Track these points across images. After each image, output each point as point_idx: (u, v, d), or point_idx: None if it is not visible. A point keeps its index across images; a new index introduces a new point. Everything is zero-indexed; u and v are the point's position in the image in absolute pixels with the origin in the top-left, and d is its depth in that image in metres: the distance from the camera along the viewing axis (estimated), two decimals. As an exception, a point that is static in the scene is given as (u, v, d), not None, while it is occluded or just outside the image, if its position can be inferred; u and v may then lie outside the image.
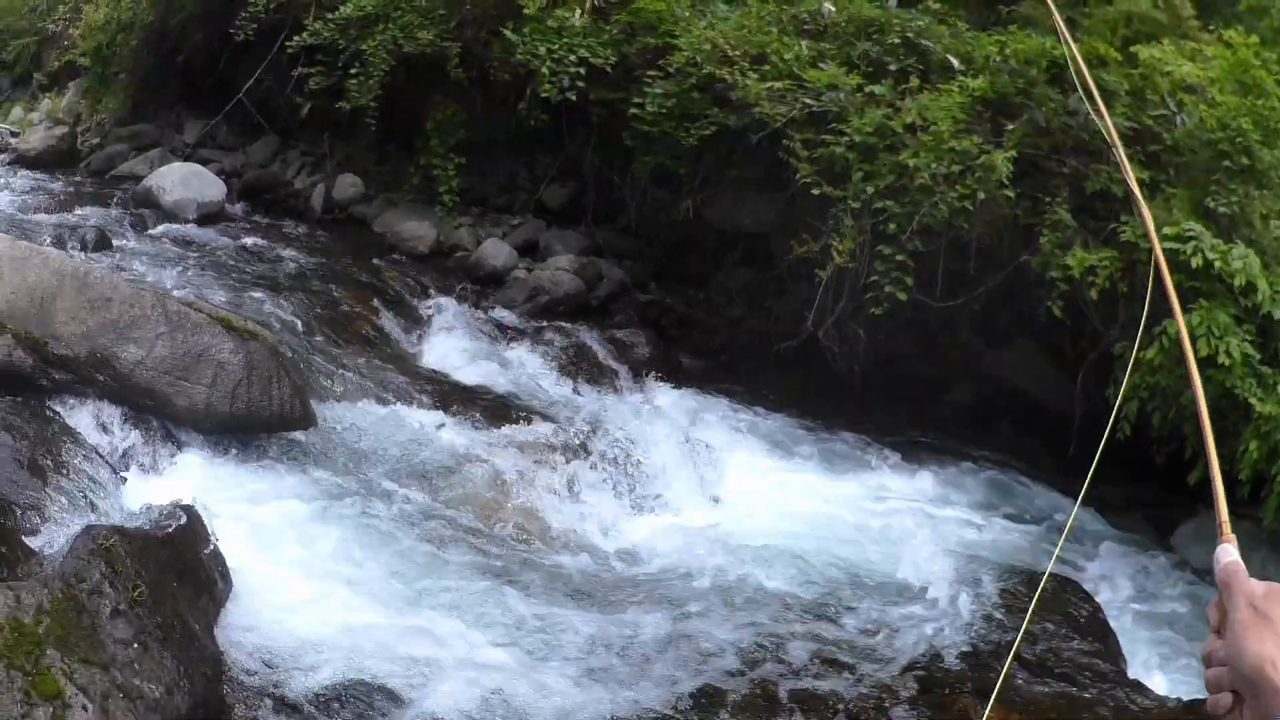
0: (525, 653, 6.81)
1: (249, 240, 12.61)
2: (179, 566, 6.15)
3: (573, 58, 11.97)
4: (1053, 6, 6.77)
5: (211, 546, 6.52)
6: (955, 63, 11.01)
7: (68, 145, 16.76)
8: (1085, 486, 4.04)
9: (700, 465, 9.64)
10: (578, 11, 12.37)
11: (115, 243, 11.71)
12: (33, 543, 6.00)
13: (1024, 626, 7.32)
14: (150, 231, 12.59)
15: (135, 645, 5.53)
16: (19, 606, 5.27)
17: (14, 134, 17.77)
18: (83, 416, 7.52)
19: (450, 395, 9.76)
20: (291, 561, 7.04)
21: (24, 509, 6.29)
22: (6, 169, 15.96)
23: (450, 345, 10.95)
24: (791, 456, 10.21)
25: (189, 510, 6.52)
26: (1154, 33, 10.77)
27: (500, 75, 12.47)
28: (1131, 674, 7.56)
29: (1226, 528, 2.24)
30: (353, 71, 12.93)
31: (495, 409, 9.69)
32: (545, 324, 11.66)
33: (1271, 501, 8.60)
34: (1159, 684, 7.63)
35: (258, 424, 8.04)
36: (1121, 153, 6.43)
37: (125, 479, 7.31)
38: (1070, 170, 10.34)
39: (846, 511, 9.45)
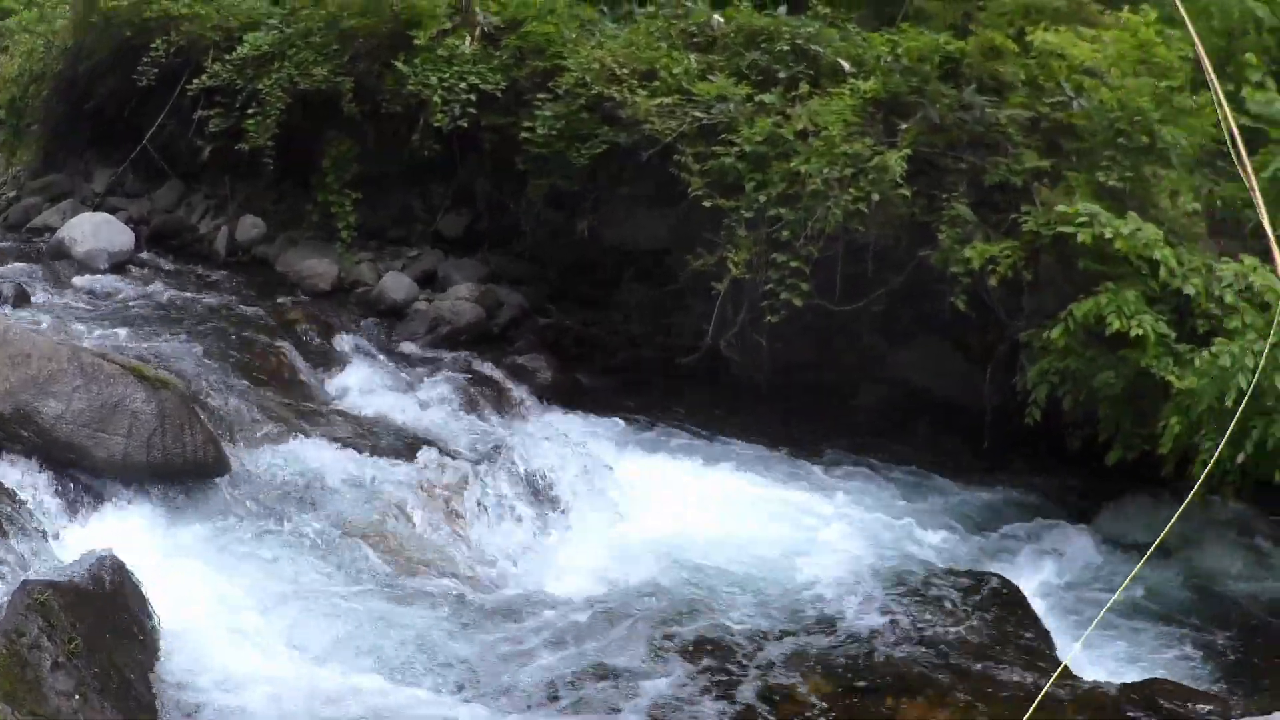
0: (441, 683, 6.69)
1: (158, 287, 12.30)
2: (110, 617, 6.18)
3: (463, 85, 11.72)
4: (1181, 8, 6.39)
5: (139, 596, 6.47)
6: (846, 66, 10.75)
7: (-13, 202, 16.35)
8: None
9: (603, 485, 9.40)
10: (467, 39, 12.10)
11: (34, 298, 11.44)
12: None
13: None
14: (65, 284, 12.25)
15: (76, 696, 5.61)
16: (-37, 663, 5.21)
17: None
18: (10, 473, 7.40)
19: (358, 430, 9.50)
20: (214, 606, 6.90)
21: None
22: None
23: (356, 381, 10.72)
24: (696, 470, 9.93)
25: (115, 561, 6.47)
26: (1053, 21, 10.57)
27: (393, 107, 12.20)
28: (1061, 659, 7.27)
29: None
30: (250, 111, 12.69)
31: (402, 441, 9.45)
32: (448, 354, 11.47)
33: (1196, 470, 8.28)
34: (1089, 668, 7.42)
35: (174, 472, 7.91)
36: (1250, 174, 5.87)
37: (54, 533, 7.18)
38: (968, 165, 10.10)
39: (753, 521, 9.22)
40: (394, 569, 7.90)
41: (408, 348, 11.65)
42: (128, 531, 7.42)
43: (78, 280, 12.40)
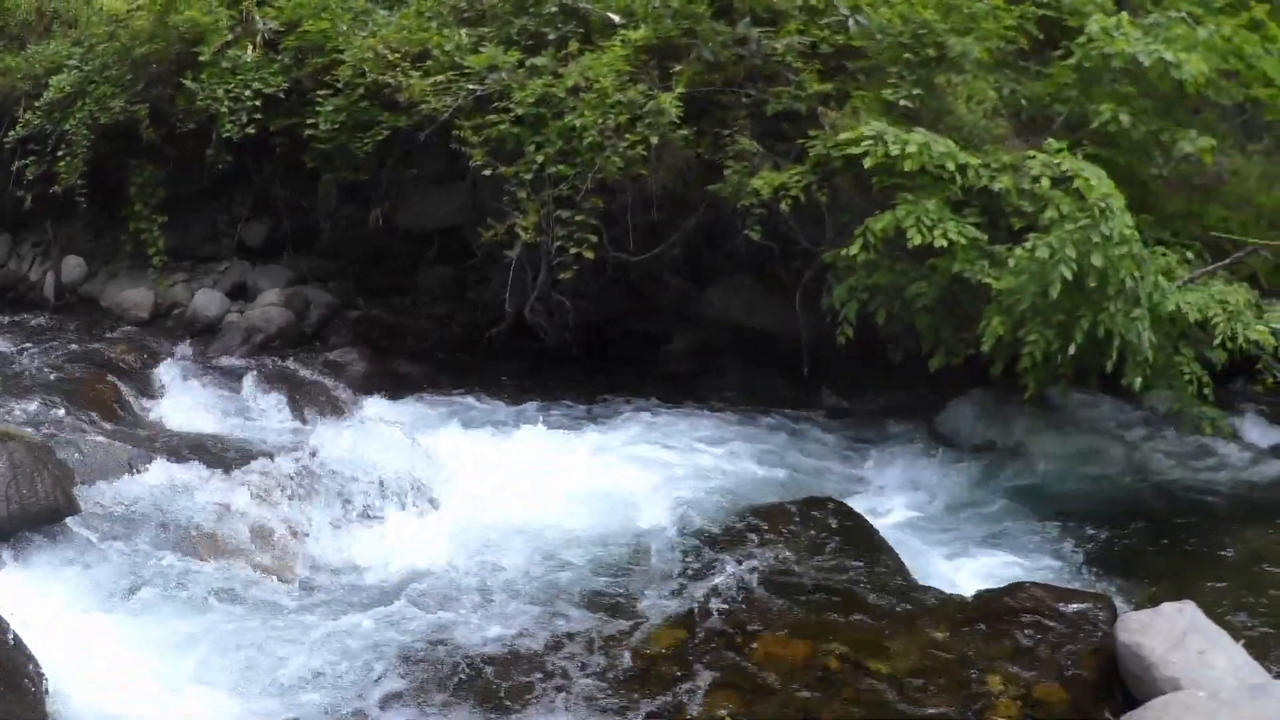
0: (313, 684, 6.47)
1: (-2, 343, 12.14)
2: None
3: (248, 93, 11.51)
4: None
5: (20, 646, 6.23)
6: (615, 18, 10.45)
7: None
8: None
9: (424, 468, 9.20)
10: (249, 48, 11.85)
11: (-120, 371, 11.09)
12: None
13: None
14: (-89, 355, 12.11)
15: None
16: None
17: None
18: None
19: (190, 450, 9.21)
20: (92, 646, 6.68)
21: None
22: None
23: (182, 403, 10.49)
24: (518, 439, 9.64)
25: None
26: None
27: (186, 125, 11.99)
28: (919, 576, 7.19)
29: None
30: (60, 153, 12.53)
31: (232, 455, 9.24)
32: (264, 362, 11.29)
33: (1024, 363, 8.23)
34: (952, 581, 7.29)
35: (30, 520, 7.69)
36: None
37: None
38: (750, 99, 9.91)
39: (580, 480, 8.94)
40: (247, 578, 7.70)
41: (225, 361, 11.45)
42: None
43: (-79, 350, 12.16)
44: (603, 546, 8.01)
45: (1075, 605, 6.56)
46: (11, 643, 6.19)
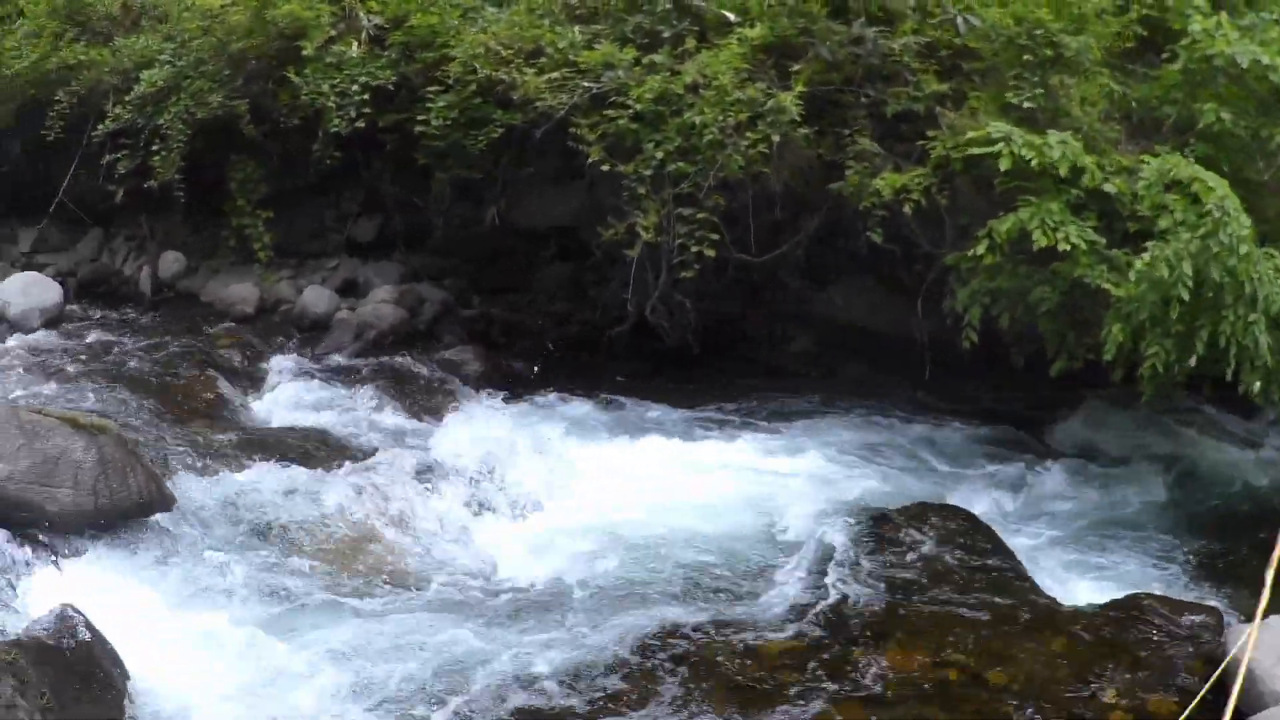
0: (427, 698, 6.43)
1: (91, 336, 12.18)
2: (78, 669, 6.07)
3: (355, 87, 11.53)
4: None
5: (102, 642, 6.32)
6: (731, 16, 10.49)
7: (-81, 274, 16.08)
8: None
9: (549, 467, 9.24)
10: (354, 44, 11.89)
11: (-32, 363, 11.21)
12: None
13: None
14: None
15: (52, 753, 5.53)
16: (-59, 730, 5.13)
17: None
18: None
19: (297, 448, 9.34)
20: (179, 643, 6.70)
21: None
22: None
23: (289, 399, 10.56)
24: (636, 442, 9.73)
25: (75, 613, 6.33)
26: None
27: (290, 120, 12.03)
28: (1035, 583, 7.24)
29: None
30: (154, 148, 12.54)
31: (341, 453, 9.30)
32: (376, 359, 11.34)
33: (1145, 371, 8.24)
34: (1067, 589, 7.33)
35: (121, 514, 7.76)
36: None
37: (12, 592, 6.98)
38: (868, 99, 9.94)
39: (700, 485, 9.01)
40: (346, 580, 7.73)
41: (335, 359, 11.48)
42: (85, 580, 7.23)
43: (11, 342, 12.15)
44: (721, 553, 8.05)
45: (1187, 617, 6.71)
46: (92, 640, 6.28)
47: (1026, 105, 9.27)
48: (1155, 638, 6.50)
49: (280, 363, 11.28)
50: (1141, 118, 9.74)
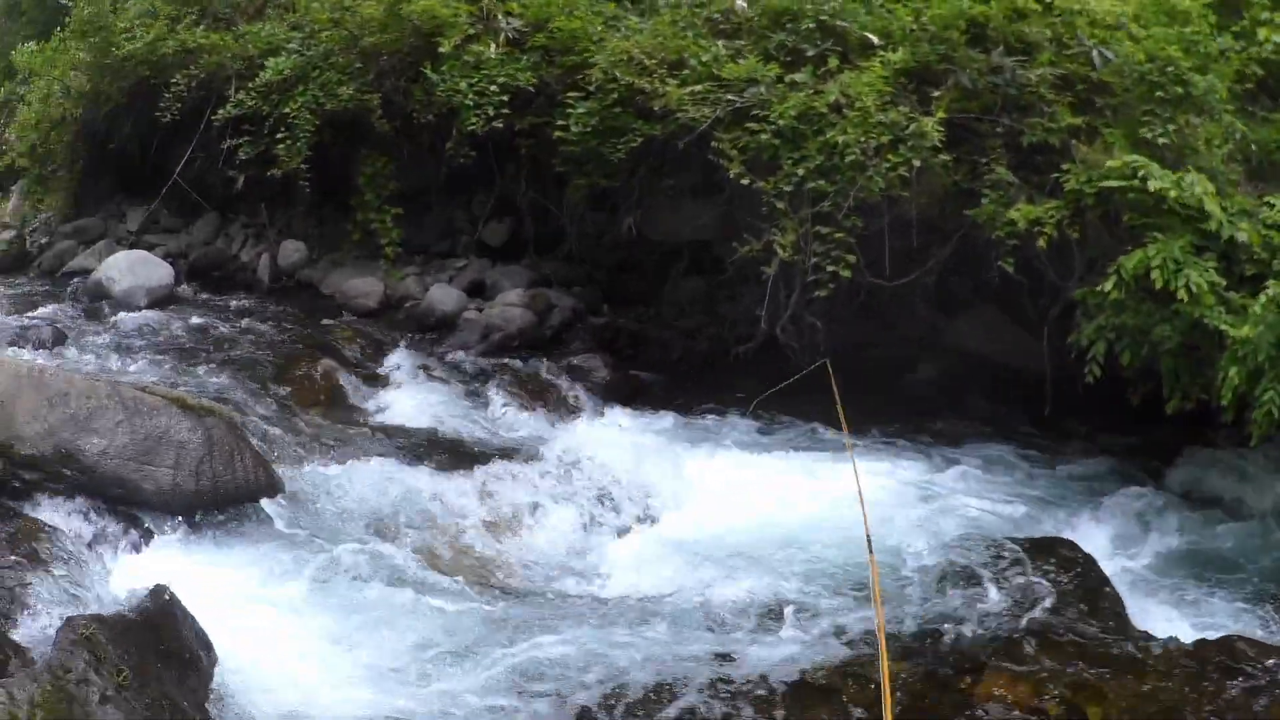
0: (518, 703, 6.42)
1: (200, 319, 12.27)
2: (161, 647, 6.05)
3: (494, 87, 11.65)
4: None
5: (191, 624, 6.31)
6: (874, 39, 10.65)
7: (18, 248, 16.25)
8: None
9: (670, 480, 9.31)
10: (492, 45, 12.03)
11: (71, 338, 11.38)
12: (19, 639, 5.90)
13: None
14: (104, 323, 12.18)
15: (126, 728, 5.63)
16: (13, 702, 5.22)
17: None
18: (55, 512, 7.30)
19: (412, 445, 9.50)
20: (272, 630, 6.74)
21: (7, 608, 6.18)
22: (-39, 280, 15.53)
23: (409, 395, 10.64)
24: (765, 459, 9.79)
25: (165, 590, 6.33)
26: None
27: (424, 116, 12.15)
28: (1136, 622, 7.21)
29: None
30: (279, 136, 12.69)
31: (459, 453, 9.43)
32: (501, 361, 11.39)
33: (1258, 415, 8.21)
34: (1166, 627, 7.26)
35: (225, 498, 7.88)
36: None
37: (102, 567, 7.07)
38: (1005, 128, 10.02)
39: (816, 507, 8.96)
40: (457, 582, 7.75)
41: (460, 358, 11.52)
42: (179, 560, 7.37)
43: (116, 319, 12.34)
44: (830, 575, 8.04)
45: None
46: (181, 620, 6.28)
47: (1161, 141, 9.33)
48: (1249, 678, 6.51)
49: (402, 358, 11.33)
50: (1260, 160, 9.83)
